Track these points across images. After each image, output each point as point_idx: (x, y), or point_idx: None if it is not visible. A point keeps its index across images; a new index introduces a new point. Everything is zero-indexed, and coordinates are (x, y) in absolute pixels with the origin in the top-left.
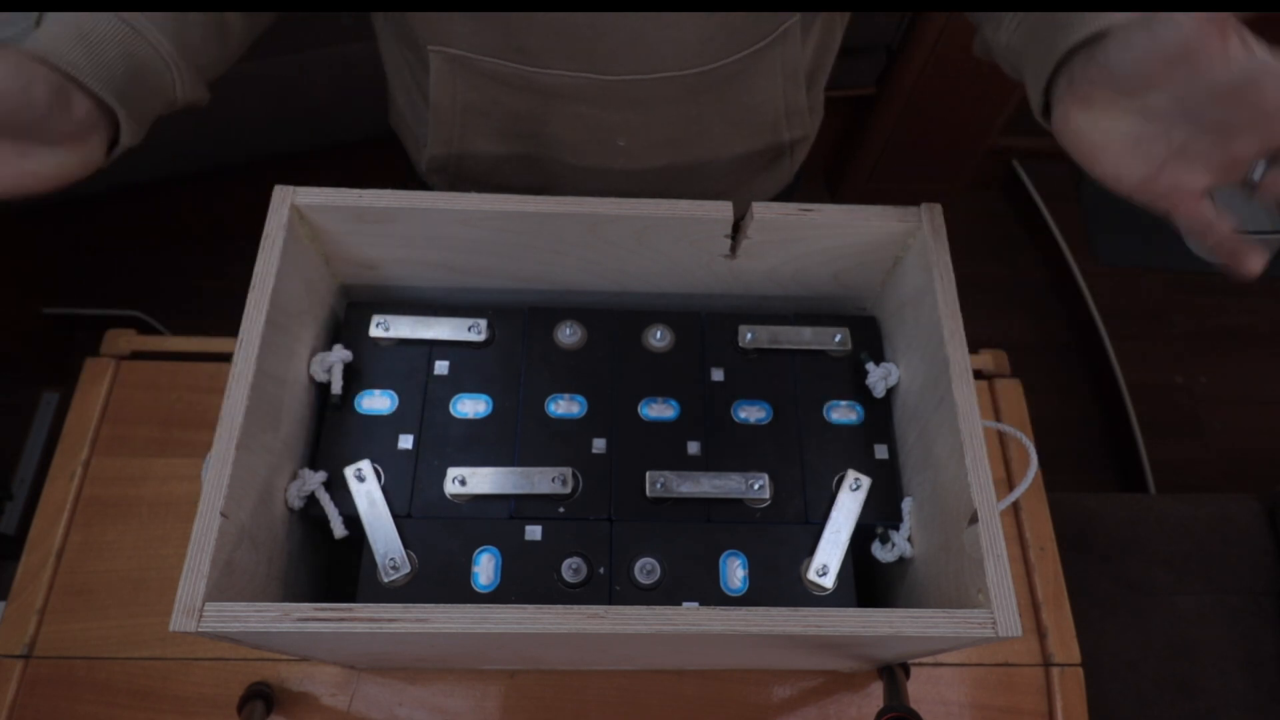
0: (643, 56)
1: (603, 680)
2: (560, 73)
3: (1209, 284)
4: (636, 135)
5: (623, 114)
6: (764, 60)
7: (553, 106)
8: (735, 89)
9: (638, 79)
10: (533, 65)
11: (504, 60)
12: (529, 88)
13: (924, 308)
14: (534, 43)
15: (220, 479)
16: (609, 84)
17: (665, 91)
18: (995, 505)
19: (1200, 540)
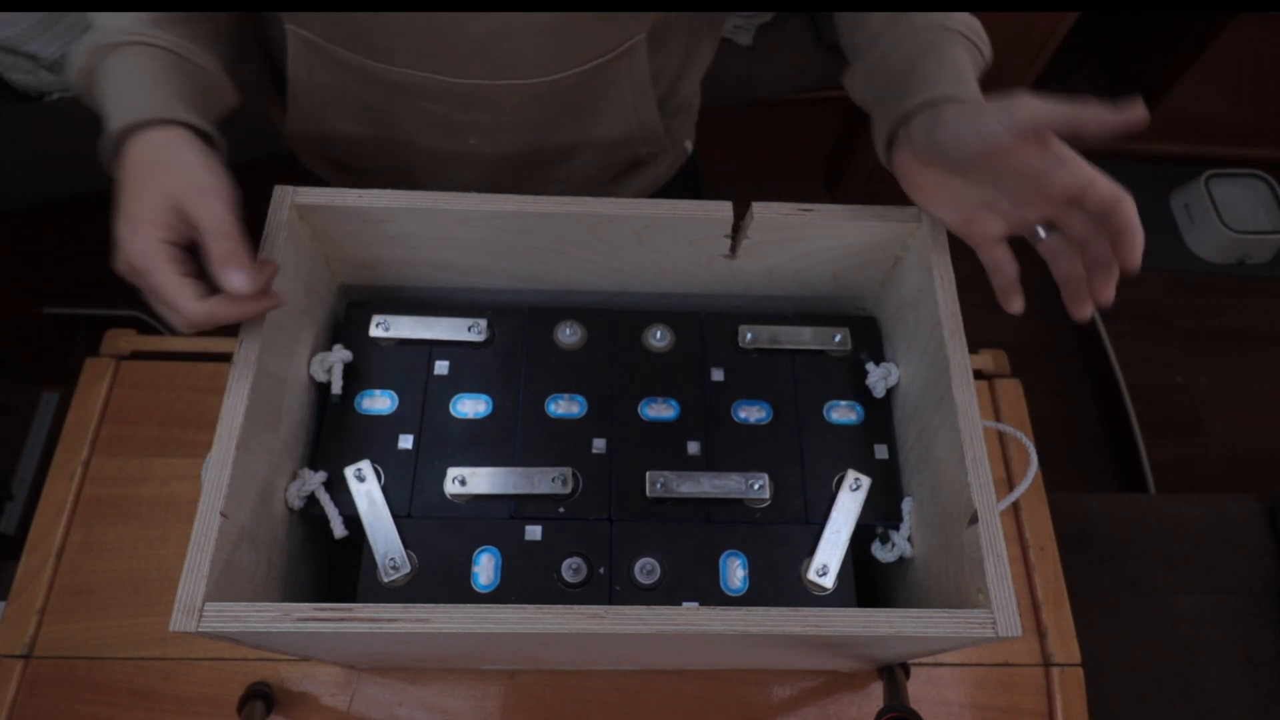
0: (490, 63)
1: (603, 680)
2: (407, 70)
3: (1209, 284)
4: (486, 135)
5: (471, 114)
6: (608, 74)
7: (402, 100)
8: (581, 99)
9: (483, 84)
10: (380, 61)
11: (353, 52)
12: (377, 81)
13: (924, 308)
14: (381, 40)
15: (220, 479)
16: (456, 85)
17: (511, 98)
18: (995, 505)
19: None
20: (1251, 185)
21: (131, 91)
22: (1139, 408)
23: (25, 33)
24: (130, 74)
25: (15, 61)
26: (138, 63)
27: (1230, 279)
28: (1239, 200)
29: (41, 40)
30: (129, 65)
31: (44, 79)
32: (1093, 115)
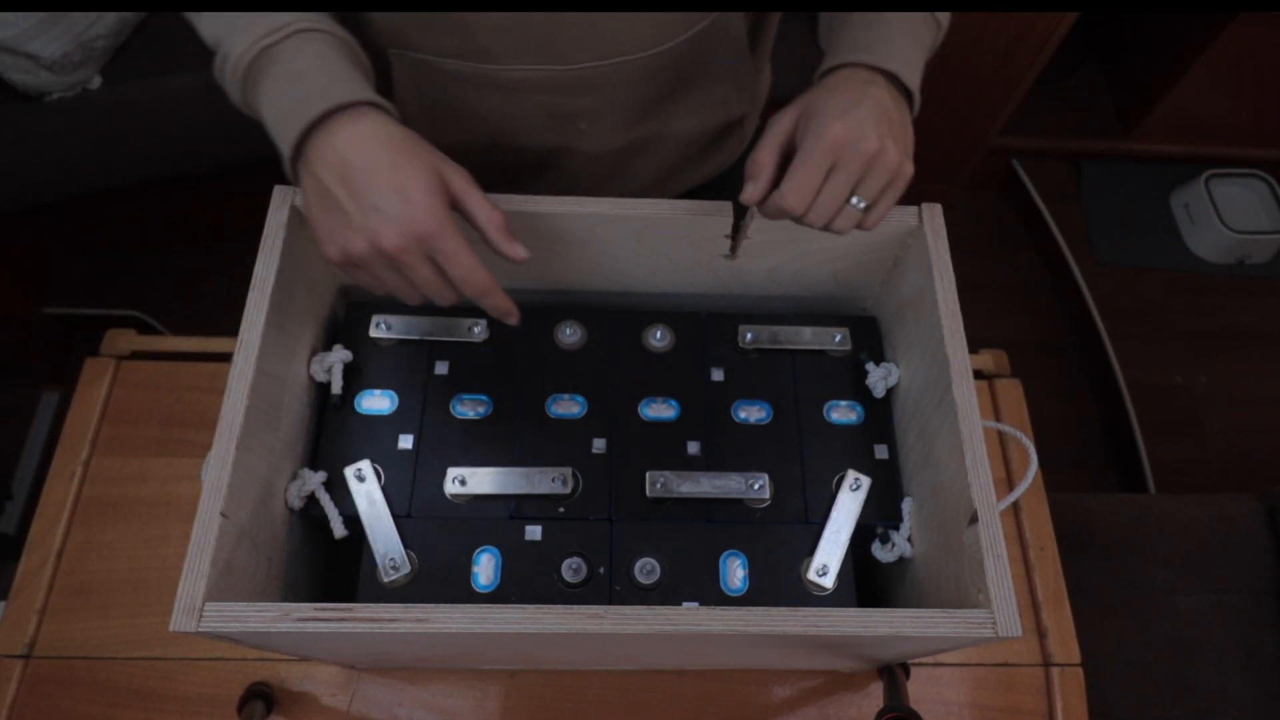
0: (598, 45)
1: (603, 680)
2: (520, 68)
3: (1209, 284)
4: (596, 118)
5: (582, 99)
6: (710, 37)
7: (514, 99)
8: (687, 65)
9: (595, 66)
10: (493, 64)
11: (464, 60)
12: (489, 85)
13: (924, 308)
14: (493, 42)
15: (220, 479)
16: (567, 73)
17: (621, 75)
18: (995, 505)
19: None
20: (1251, 185)
21: (333, 73)
22: (1139, 408)
23: (25, 33)
24: (324, 57)
25: (15, 61)
26: (323, 48)
27: (1230, 279)
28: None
29: (41, 40)
30: (318, 49)
31: (44, 79)
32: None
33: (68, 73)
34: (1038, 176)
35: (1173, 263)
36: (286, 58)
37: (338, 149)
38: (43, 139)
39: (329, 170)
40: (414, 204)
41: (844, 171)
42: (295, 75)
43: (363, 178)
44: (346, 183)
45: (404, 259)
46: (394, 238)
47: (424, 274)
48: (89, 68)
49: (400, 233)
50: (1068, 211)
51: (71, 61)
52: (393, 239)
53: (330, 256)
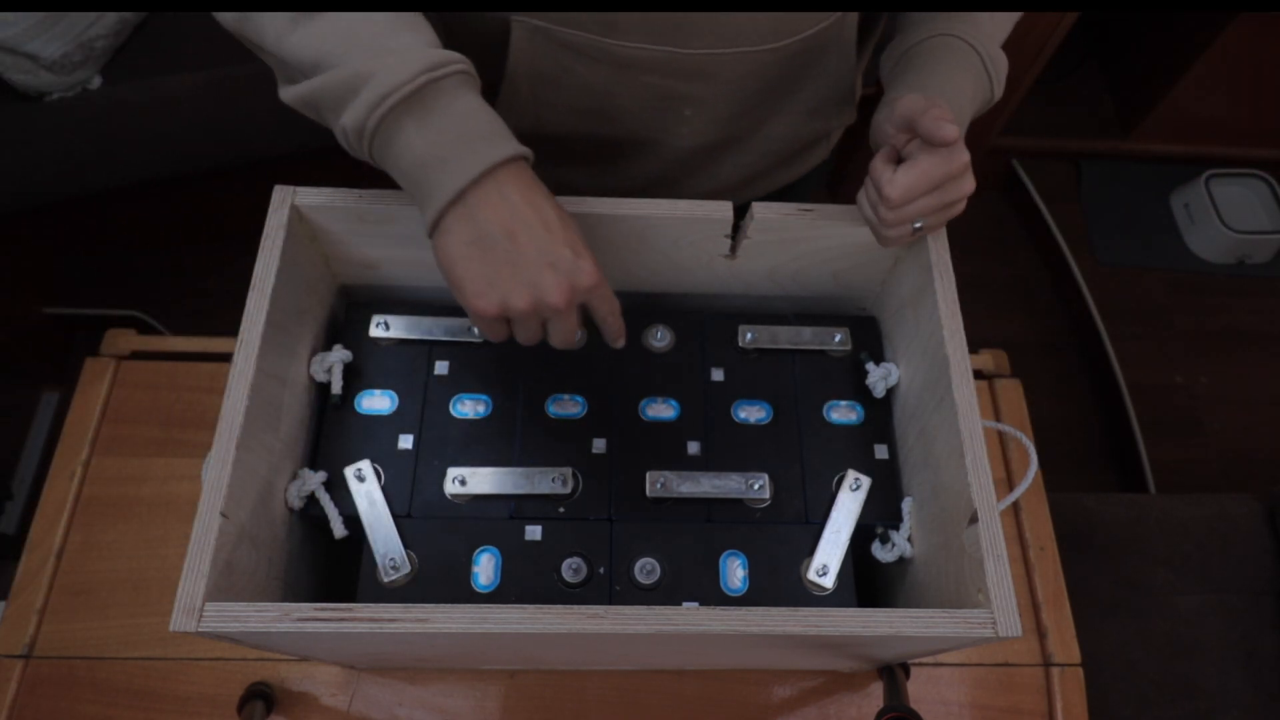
0: (723, 32)
1: (603, 680)
2: (640, 45)
3: (1209, 284)
4: (702, 107)
5: (693, 85)
6: (825, 38)
7: (625, 77)
8: (795, 66)
9: (714, 53)
10: (615, 39)
11: (585, 33)
12: (607, 59)
13: (924, 308)
14: (623, 17)
15: (220, 479)
16: (686, 56)
17: (738, 66)
18: (995, 505)
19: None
20: (1251, 185)
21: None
22: (1139, 408)
23: (25, 33)
24: (482, 105)
25: (15, 61)
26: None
27: (1230, 279)
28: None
29: (41, 40)
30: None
31: (44, 79)
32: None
33: (68, 73)
34: (1038, 176)
35: (1173, 263)
36: (448, 99)
37: (509, 201)
38: (43, 139)
39: (497, 222)
40: (584, 258)
41: (940, 196)
42: (461, 117)
43: (538, 233)
44: (517, 237)
45: (566, 310)
46: (566, 292)
47: (571, 324)
48: (89, 68)
49: (572, 287)
50: (1068, 211)
51: (71, 61)
52: (565, 293)
53: (480, 309)
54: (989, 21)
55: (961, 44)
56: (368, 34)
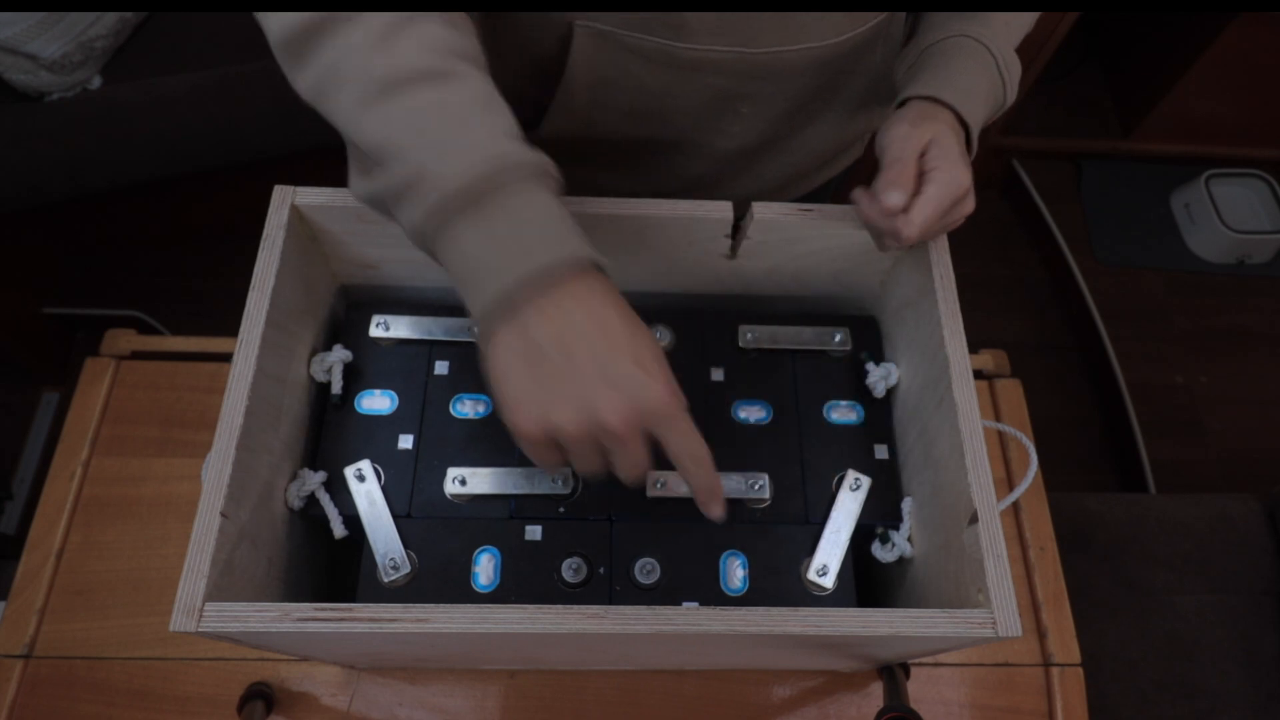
0: (790, 28)
1: (603, 680)
2: (708, 47)
3: (1209, 284)
4: (759, 104)
5: (753, 83)
6: (879, 34)
7: (687, 78)
8: (851, 61)
9: (780, 50)
10: (682, 41)
11: (653, 37)
12: (669, 62)
13: (924, 308)
14: (693, 18)
15: (220, 479)
16: (752, 55)
17: (799, 62)
18: (995, 505)
19: (1200, 540)
20: (1251, 185)
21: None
22: (1139, 408)
23: (25, 33)
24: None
25: (15, 61)
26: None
27: (1230, 279)
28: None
29: (41, 40)
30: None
31: (44, 79)
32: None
33: (68, 73)
34: (1038, 176)
35: (1173, 263)
36: (510, 198)
37: (565, 309)
38: (43, 139)
39: (551, 333)
40: (654, 376)
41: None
42: (521, 219)
43: (597, 343)
44: (569, 348)
45: (626, 435)
46: (626, 412)
47: (638, 454)
48: (89, 68)
49: (633, 408)
50: (1068, 211)
51: (71, 61)
52: (623, 414)
53: (522, 427)
54: (1004, 24)
55: (976, 44)
56: (437, 124)
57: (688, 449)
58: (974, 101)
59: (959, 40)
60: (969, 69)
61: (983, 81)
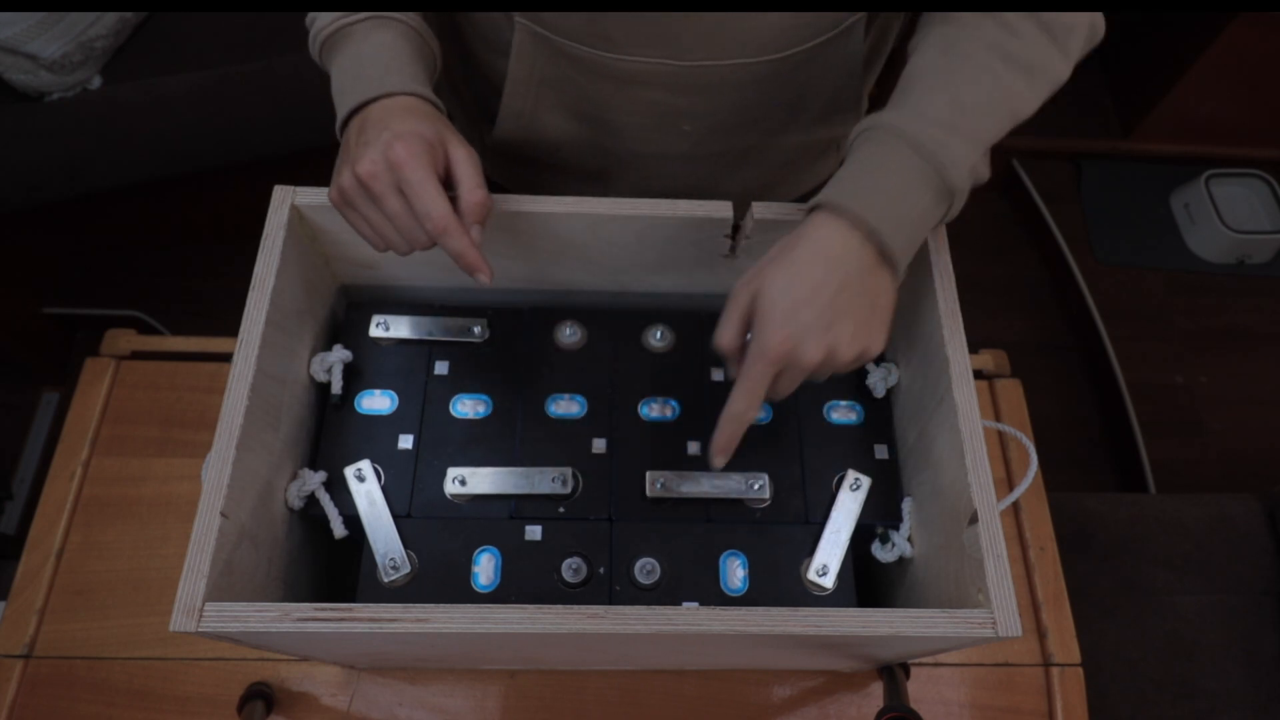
0: (721, 44)
1: (603, 680)
2: (639, 59)
3: (1209, 284)
4: (702, 120)
5: (691, 99)
6: (827, 52)
7: (625, 91)
8: (800, 78)
9: (712, 65)
10: (613, 52)
11: (584, 45)
12: (605, 73)
13: (924, 308)
14: (618, 31)
15: (220, 479)
16: (684, 70)
17: (736, 77)
18: (995, 505)
19: (1200, 540)
20: (1251, 185)
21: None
22: (1139, 408)
23: (25, 33)
24: (392, 44)
25: (15, 61)
26: (391, 38)
27: (1230, 279)
28: (1239, 200)
29: (41, 40)
30: (388, 37)
31: (44, 79)
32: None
33: (68, 73)
34: (1038, 176)
35: (1173, 263)
36: (356, 40)
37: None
38: (43, 139)
39: (352, 128)
40: (397, 137)
41: (788, 376)
42: (359, 58)
43: (369, 127)
44: (360, 133)
45: (374, 186)
46: (367, 164)
47: (392, 205)
48: (89, 68)
49: (374, 159)
50: (1068, 211)
51: (71, 61)
52: (366, 165)
53: (330, 198)
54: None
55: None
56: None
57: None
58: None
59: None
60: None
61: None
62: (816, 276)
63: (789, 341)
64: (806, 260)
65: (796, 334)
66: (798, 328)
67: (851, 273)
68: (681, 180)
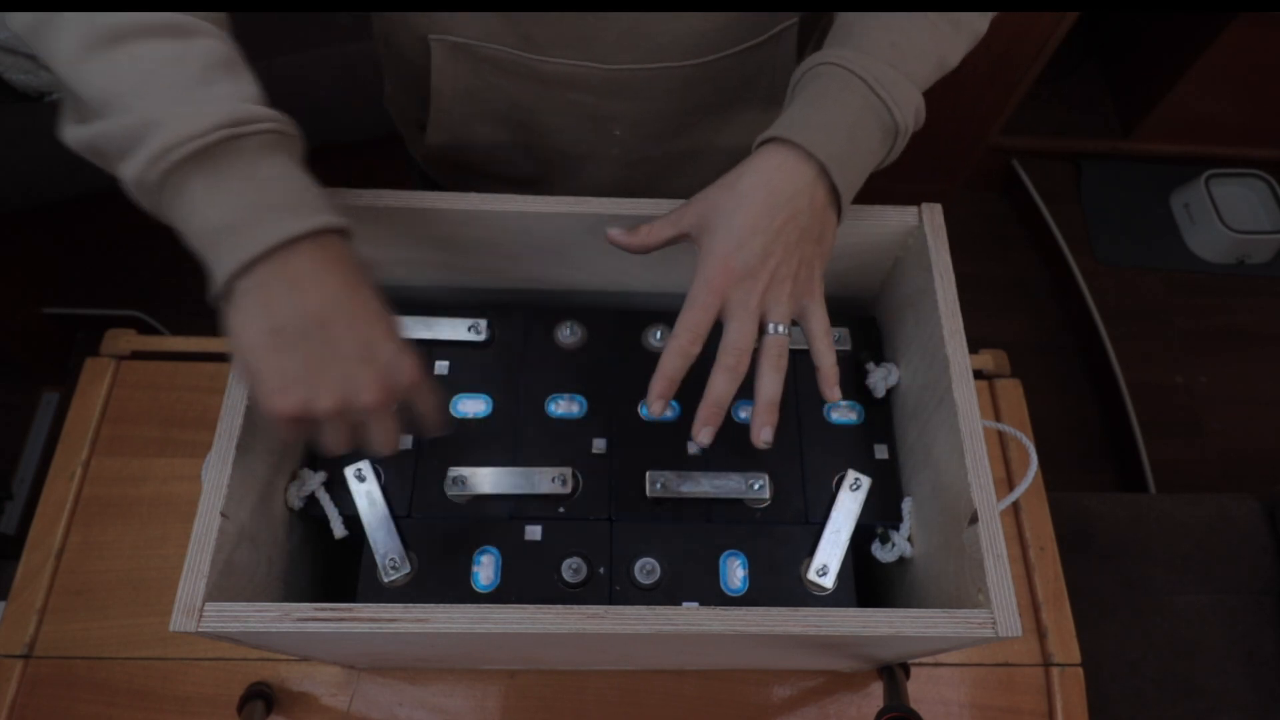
0: (643, 47)
1: (603, 680)
2: (561, 61)
3: (1209, 284)
4: (632, 125)
5: (619, 103)
6: (758, 59)
7: (551, 94)
8: (728, 84)
9: (636, 68)
10: (535, 54)
11: (506, 48)
12: (529, 75)
13: (924, 308)
14: (538, 31)
15: (220, 479)
16: (608, 73)
17: (662, 82)
18: (995, 505)
19: (1200, 540)
20: (1251, 185)
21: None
22: (1139, 408)
23: None
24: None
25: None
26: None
27: (1230, 279)
28: (1239, 200)
29: None
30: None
31: (44, 79)
32: None
33: None
34: (1038, 176)
35: (1173, 263)
36: (250, 159)
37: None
38: (43, 139)
39: (305, 308)
40: (407, 354)
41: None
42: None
43: (357, 323)
44: (330, 326)
45: (381, 412)
46: (381, 392)
47: (388, 426)
48: None
49: (390, 386)
50: (1068, 211)
51: None
52: (380, 393)
53: (280, 409)
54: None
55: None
56: (171, 78)
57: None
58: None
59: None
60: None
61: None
62: (768, 206)
63: (737, 269)
64: (758, 189)
65: (744, 259)
66: (746, 254)
67: (802, 207)
68: (617, 185)
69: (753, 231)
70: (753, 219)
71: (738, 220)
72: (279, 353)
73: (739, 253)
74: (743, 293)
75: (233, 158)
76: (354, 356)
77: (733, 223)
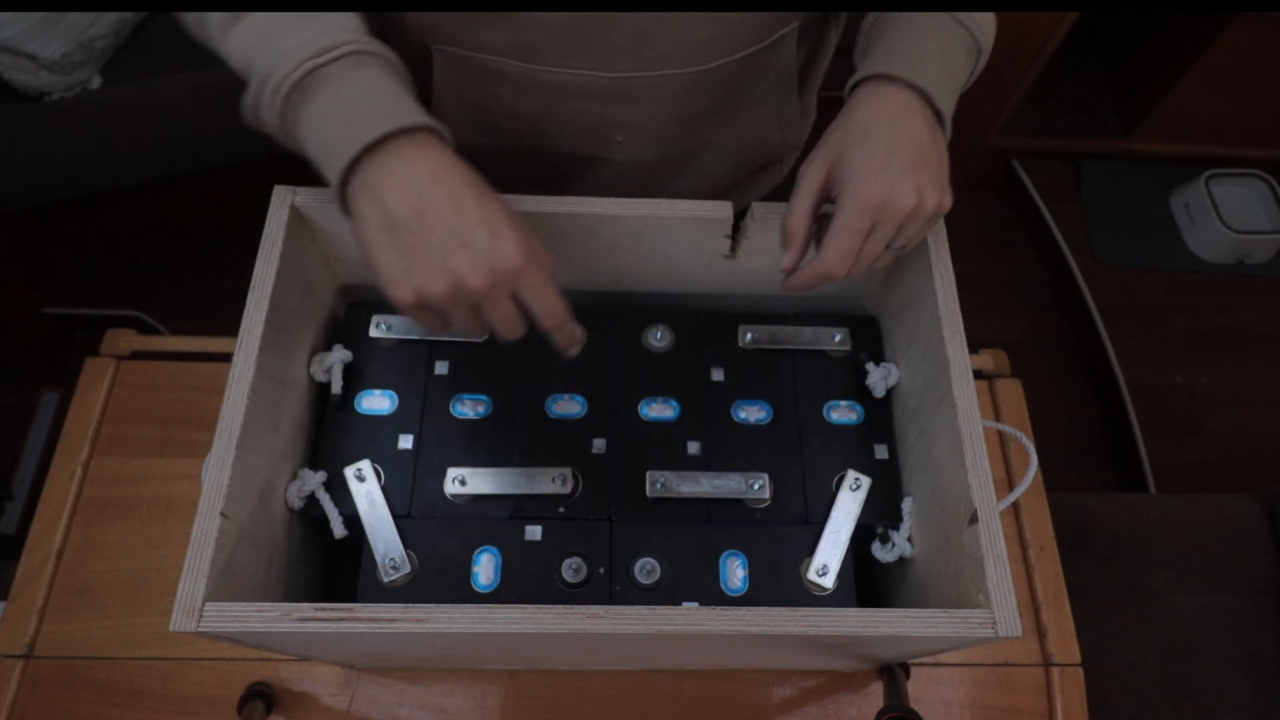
0: (645, 54)
1: (603, 680)
2: (563, 70)
3: (1209, 284)
4: (634, 131)
5: (621, 110)
6: (758, 65)
7: (553, 103)
8: (729, 91)
9: (639, 76)
10: (537, 64)
11: (508, 59)
12: (531, 86)
13: (924, 308)
14: (540, 42)
15: (220, 479)
16: (610, 81)
17: (664, 89)
18: (995, 505)
19: (1200, 540)
20: (1251, 185)
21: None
22: (1139, 408)
23: (25, 33)
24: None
25: (15, 61)
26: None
27: (1230, 279)
28: (1239, 200)
29: (41, 40)
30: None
31: (44, 79)
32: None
33: (68, 73)
34: (1038, 176)
35: (1173, 263)
36: (335, 82)
37: (412, 178)
38: (43, 139)
39: (403, 203)
40: (504, 239)
41: (882, 230)
42: (347, 99)
43: (448, 212)
44: (425, 217)
45: (491, 296)
46: (484, 275)
47: (505, 311)
48: (89, 68)
49: (492, 269)
50: (1068, 211)
51: (71, 61)
52: (483, 277)
53: (398, 297)
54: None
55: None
56: (274, 34)
57: (546, 304)
58: (926, 67)
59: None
60: (914, 34)
61: (934, 41)
62: (893, 133)
63: (884, 193)
64: (878, 121)
65: (888, 184)
66: (889, 178)
67: (919, 127)
68: (618, 188)
69: (889, 152)
70: (888, 144)
71: (870, 146)
72: (387, 248)
73: (884, 174)
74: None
75: (320, 84)
76: (449, 243)
77: (868, 149)
